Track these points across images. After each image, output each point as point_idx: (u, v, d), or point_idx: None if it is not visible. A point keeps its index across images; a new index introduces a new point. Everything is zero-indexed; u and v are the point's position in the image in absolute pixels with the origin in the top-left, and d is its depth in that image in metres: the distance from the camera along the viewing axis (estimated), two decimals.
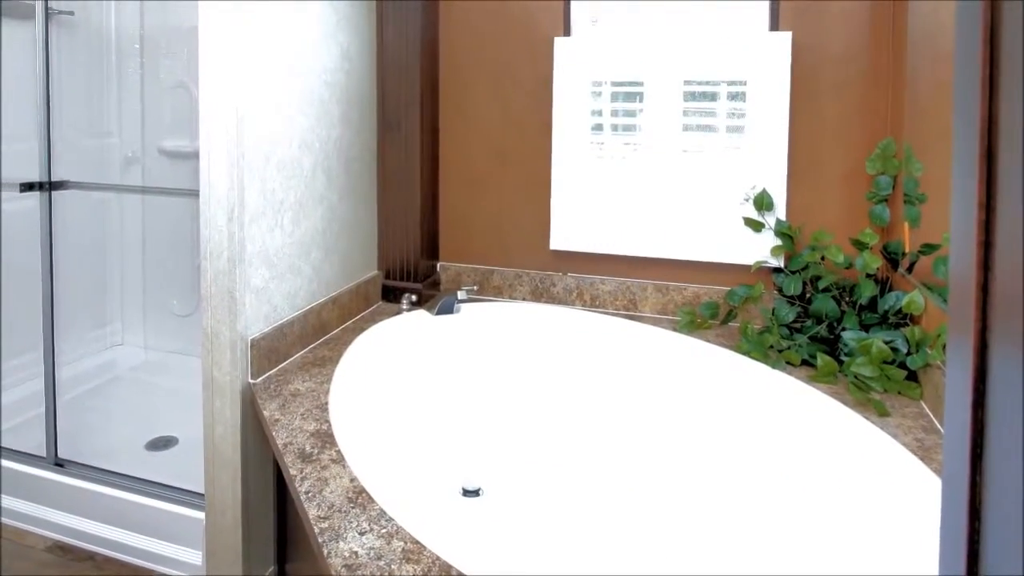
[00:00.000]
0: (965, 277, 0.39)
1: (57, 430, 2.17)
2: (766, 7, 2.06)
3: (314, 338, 1.98)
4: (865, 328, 1.79)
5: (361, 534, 1.12)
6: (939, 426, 1.48)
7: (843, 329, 1.81)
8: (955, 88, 0.41)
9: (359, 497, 1.23)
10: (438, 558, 1.05)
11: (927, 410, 1.56)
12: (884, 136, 1.94)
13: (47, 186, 2.19)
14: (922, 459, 1.34)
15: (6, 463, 2.18)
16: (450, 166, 2.46)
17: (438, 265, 2.49)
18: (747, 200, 2.07)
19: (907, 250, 1.76)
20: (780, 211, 2.05)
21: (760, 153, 2.05)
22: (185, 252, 2.89)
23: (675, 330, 2.05)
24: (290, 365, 1.83)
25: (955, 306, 0.40)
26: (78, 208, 2.82)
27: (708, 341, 1.97)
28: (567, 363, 2.11)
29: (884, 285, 1.86)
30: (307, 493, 1.25)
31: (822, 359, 1.72)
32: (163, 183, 2.93)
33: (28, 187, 2.17)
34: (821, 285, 1.89)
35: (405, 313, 2.20)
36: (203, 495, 1.76)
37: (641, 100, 2.16)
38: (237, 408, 1.68)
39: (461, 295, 2.23)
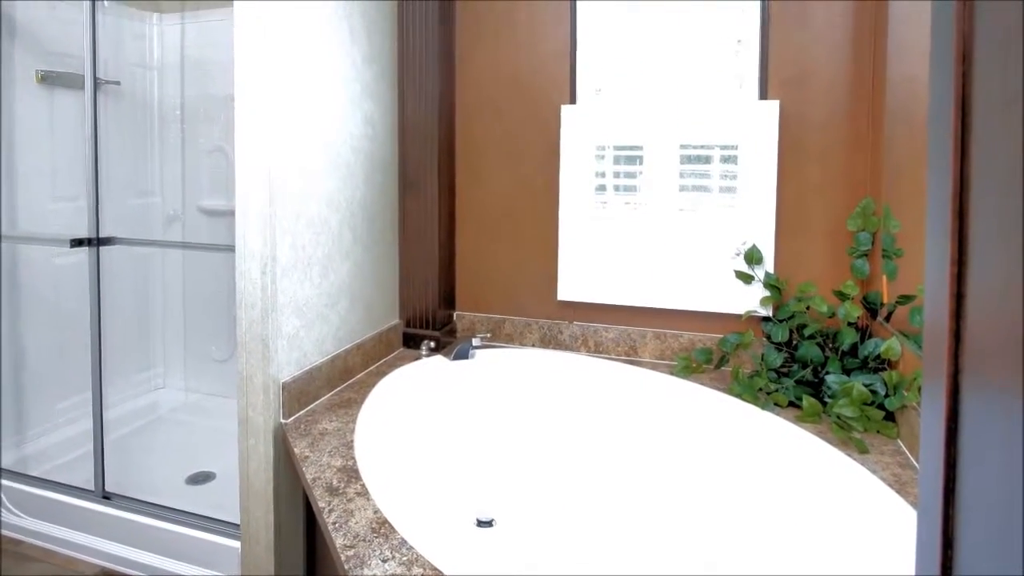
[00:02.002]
0: (939, 326, 0.40)
1: (105, 466, 2.17)
2: (755, 77, 2.10)
3: (340, 381, 1.98)
4: (847, 372, 1.78)
5: (384, 561, 1.12)
6: (914, 462, 1.47)
7: (827, 373, 1.81)
8: (929, 152, 0.42)
9: (382, 527, 1.23)
10: None
11: (904, 448, 1.55)
12: (864, 196, 1.97)
13: (95, 242, 2.22)
14: (899, 492, 1.33)
15: (58, 496, 2.19)
16: (466, 223, 2.49)
17: (455, 314, 2.51)
18: (738, 255, 2.09)
19: (885, 301, 1.77)
20: (769, 264, 2.06)
21: (750, 211, 2.07)
22: (222, 302, 2.91)
23: (672, 374, 2.05)
24: (318, 406, 1.84)
25: (929, 352, 0.41)
26: (124, 262, 2.85)
27: (702, 384, 1.97)
28: (573, 404, 2.11)
29: (864, 333, 1.86)
30: (334, 524, 1.24)
31: (807, 401, 1.72)
32: (202, 239, 2.96)
33: (78, 243, 2.19)
34: (806, 333, 1.90)
35: (424, 358, 2.21)
36: (239, 525, 1.76)
37: (641, 163, 2.19)
38: (270, 446, 1.68)
39: (476, 342, 2.23)
